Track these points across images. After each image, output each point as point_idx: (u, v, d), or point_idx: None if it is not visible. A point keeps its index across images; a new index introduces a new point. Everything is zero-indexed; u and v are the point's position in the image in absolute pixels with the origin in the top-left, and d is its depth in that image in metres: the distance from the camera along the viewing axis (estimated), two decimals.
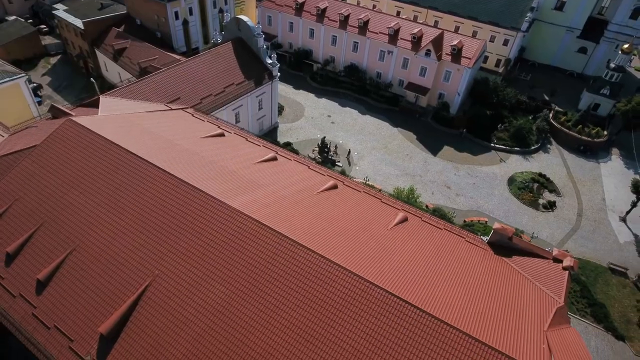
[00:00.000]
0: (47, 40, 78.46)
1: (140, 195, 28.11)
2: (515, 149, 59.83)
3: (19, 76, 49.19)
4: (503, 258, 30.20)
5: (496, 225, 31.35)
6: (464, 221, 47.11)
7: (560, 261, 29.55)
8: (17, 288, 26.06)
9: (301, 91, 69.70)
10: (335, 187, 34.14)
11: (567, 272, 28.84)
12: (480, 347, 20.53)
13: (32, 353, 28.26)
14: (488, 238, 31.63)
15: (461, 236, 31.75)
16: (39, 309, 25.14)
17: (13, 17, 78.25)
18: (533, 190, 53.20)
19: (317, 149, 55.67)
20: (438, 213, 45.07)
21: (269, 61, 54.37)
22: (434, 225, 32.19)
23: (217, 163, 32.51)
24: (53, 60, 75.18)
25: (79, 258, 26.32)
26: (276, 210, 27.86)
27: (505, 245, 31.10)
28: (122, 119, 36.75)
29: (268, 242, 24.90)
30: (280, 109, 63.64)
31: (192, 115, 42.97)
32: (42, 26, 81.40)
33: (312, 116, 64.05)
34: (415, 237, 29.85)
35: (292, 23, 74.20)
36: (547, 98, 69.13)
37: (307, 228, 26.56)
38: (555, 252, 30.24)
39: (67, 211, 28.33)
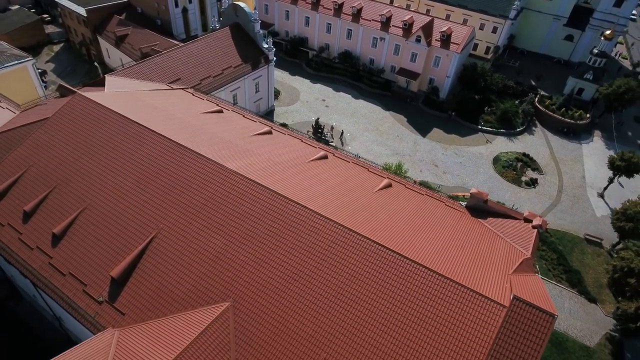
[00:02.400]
0: (50, 28, 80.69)
1: (145, 160, 30.72)
2: (501, 130, 62.52)
3: (26, 59, 51.71)
4: (479, 219, 32.89)
5: (473, 190, 34.02)
6: (449, 195, 49.67)
7: (530, 221, 32.21)
8: (34, 241, 28.70)
9: (297, 77, 72.21)
10: (325, 157, 36.75)
11: (536, 230, 31.52)
12: (448, 284, 23.27)
13: (45, 307, 31.07)
14: (466, 203, 34.34)
15: (441, 201, 34.46)
16: (55, 259, 27.77)
17: (16, 6, 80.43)
18: (517, 169, 55.94)
19: (312, 129, 58.25)
20: (424, 186, 47.64)
21: (265, 46, 56.80)
22: (416, 191, 34.89)
23: (215, 134, 35.12)
24: (56, 48, 77.46)
25: (91, 215, 28.95)
26: (269, 172, 30.50)
27: (481, 208, 33.77)
28: (127, 95, 39.31)
29: (261, 198, 27.60)
30: (277, 94, 66.16)
31: (192, 94, 45.49)
32: (45, 15, 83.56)
33: (307, 100, 66.61)
34: (397, 199, 32.54)
35: (288, 11, 76.54)
36: (533, 83, 71.77)
37: (297, 187, 29.21)
38: (526, 213, 32.96)
39: (78, 175, 30.93)
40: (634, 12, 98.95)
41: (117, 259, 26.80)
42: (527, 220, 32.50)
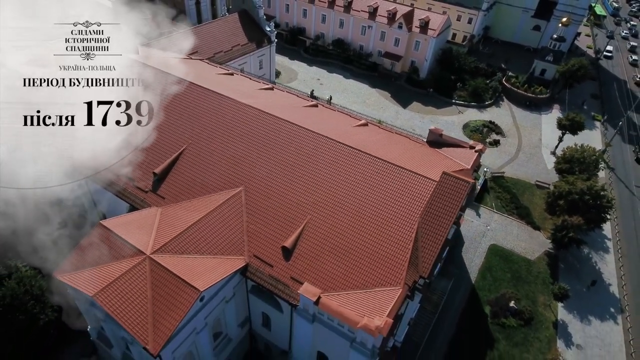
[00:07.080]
0: None
1: (177, 99, 40.18)
2: (472, 103, 71.96)
3: None
4: (435, 149, 42.11)
5: (431, 127, 43.27)
6: None
7: (474, 147, 41.44)
8: None
9: (295, 61, 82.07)
10: (316, 106, 46.21)
11: (478, 153, 40.71)
12: (397, 169, 32.49)
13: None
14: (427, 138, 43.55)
15: (407, 137, 43.73)
16: None
17: None
18: (483, 133, 65.23)
19: None
20: None
21: (268, 29, 66.55)
22: (387, 130, 44.20)
23: (229, 85, 44.65)
24: None
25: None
26: (272, 108, 39.83)
27: (438, 141, 42.96)
28: (157, 58, 48.91)
29: (265, 122, 37.01)
30: (278, 74, 75.83)
31: (208, 63, 55.14)
32: None
33: (304, 79, 76.33)
34: (370, 131, 41.86)
35: (287, 4, 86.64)
36: (503, 66, 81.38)
37: (292, 116, 38.49)
38: (471, 142, 42.15)
39: None
40: (609, 48, 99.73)
41: (159, 162, 36.07)
42: (472, 148, 41.78)
